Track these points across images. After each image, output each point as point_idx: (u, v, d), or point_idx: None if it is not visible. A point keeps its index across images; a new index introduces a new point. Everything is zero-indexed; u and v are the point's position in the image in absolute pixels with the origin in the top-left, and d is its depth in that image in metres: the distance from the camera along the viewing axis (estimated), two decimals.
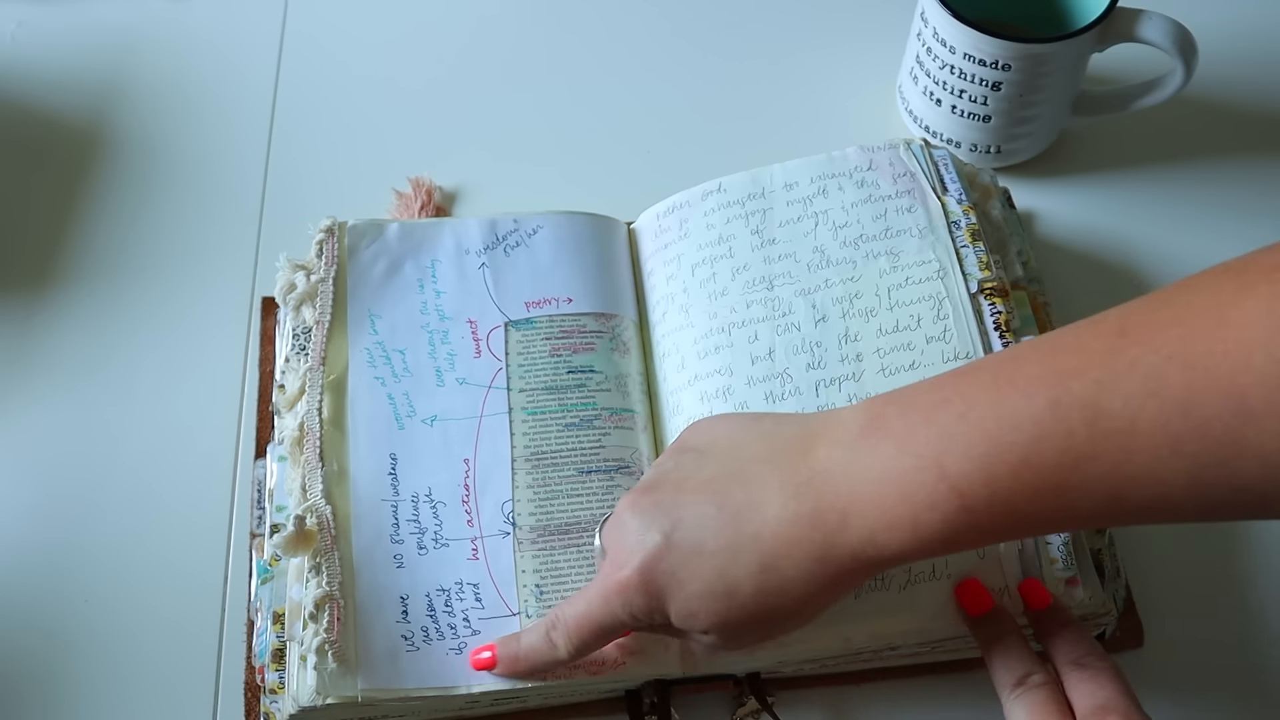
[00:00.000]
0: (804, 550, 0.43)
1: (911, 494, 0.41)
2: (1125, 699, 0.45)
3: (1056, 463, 0.39)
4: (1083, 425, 0.39)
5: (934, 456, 0.41)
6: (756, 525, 0.44)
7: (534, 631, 0.50)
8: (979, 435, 0.40)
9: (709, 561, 0.44)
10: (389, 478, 0.55)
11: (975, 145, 0.70)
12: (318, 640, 0.50)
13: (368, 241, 0.61)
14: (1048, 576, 0.51)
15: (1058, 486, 0.39)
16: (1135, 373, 0.38)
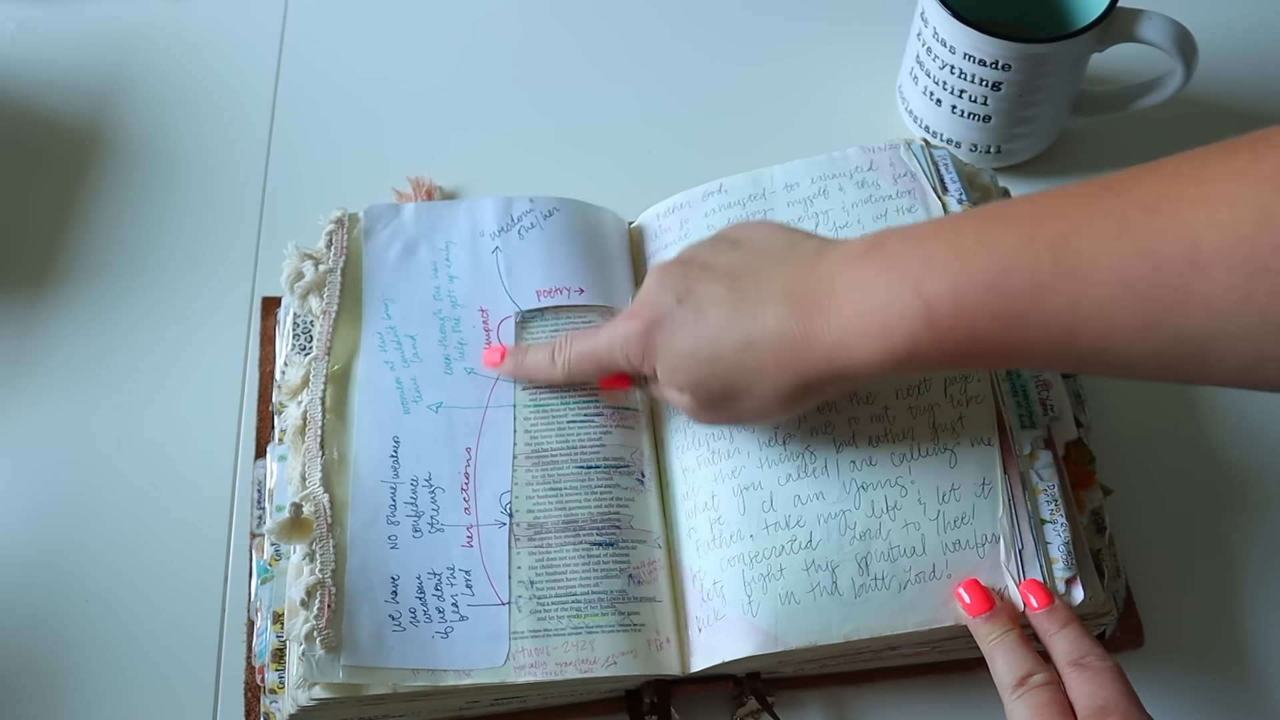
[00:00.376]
0: (786, 339, 0.47)
1: (888, 303, 0.45)
2: (1126, 699, 0.45)
3: (1020, 291, 0.42)
4: (1050, 259, 0.42)
5: (915, 273, 0.45)
6: (754, 308, 0.48)
7: (541, 349, 0.56)
8: (957, 258, 0.44)
9: (705, 329, 0.49)
10: (390, 460, 0.55)
11: (975, 145, 0.70)
12: (307, 627, 0.50)
13: (384, 224, 0.61)
14: (1048, 576, 0.51)
15: (1019, 315, 0.43)
16: (1108, 218, 0.41)
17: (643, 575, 0.54)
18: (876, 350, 0.46)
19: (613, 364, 0.53)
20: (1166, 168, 0.41)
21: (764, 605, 0.52)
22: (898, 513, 0.52)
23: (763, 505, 0.53)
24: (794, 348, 0.47)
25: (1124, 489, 0.60)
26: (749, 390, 0.49)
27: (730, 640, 0.52)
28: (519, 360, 0.57)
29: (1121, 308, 0.40)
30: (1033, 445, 0.54)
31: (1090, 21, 0.64)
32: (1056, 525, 0.52)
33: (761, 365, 0.48)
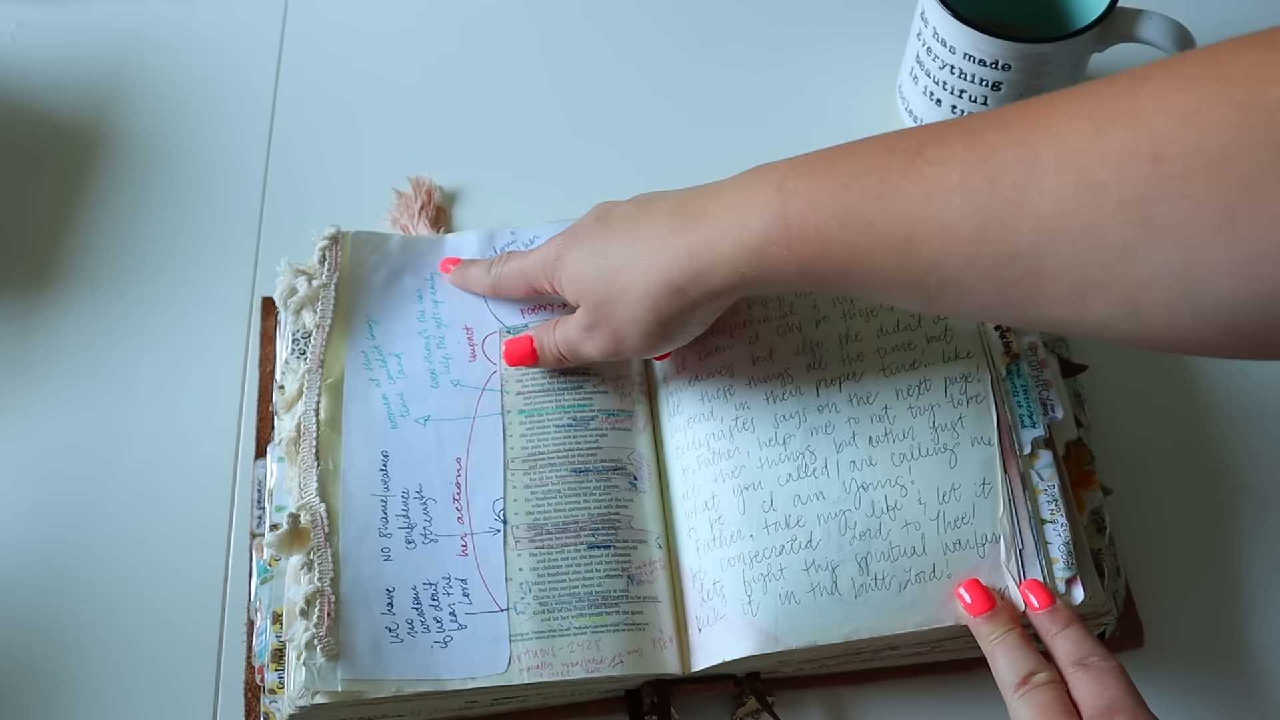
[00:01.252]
0: (659, 238, 0.50)
1: (748, 199, 0.47)
2: (1132, 699, 0.45)
3: (869, 192, 0.43)
4: (901, 165, 0.43)
5: (780, 175, 0.47)
6: (644, 218, 0.51)
7: (480, 263, 0.60)
8: (822, 164, 0.46)
9: (602, 238, 0.52)
10: (380, 474, 0.55)
11: None
12: (307, 635, 0.50)
13: (370, 250, 0.61)
14: (1048, 576, 0.51)
15: (864, 217, 0.43)
16: (963, 133, 0.42)
17: (643, 575, 0.54)
18: (730, 245, 0.47)
19: (536, 280, 0.56)
20: (1036, 98, 0.41)
21: (764, 605, 0.52)
22: (898, 512, 0.52)
23: (763, 505, 0.53)
24: (663, 243, 0.49)
25: (1124, 489, 0.60)
26: (624, 293, 0.51)
27: (730, 640, 0.52)
28: (463, 271, 0.60)
29: (958, 215, 0.41)
30: (1033, 445, 0.54)
31: (1090, 21, 0.64)
32: (1057, 525, 0.52)
33: (636, 264, 0.50)
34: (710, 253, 0.48)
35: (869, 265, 0.44)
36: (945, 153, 0.41)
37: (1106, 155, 0.37)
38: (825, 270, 0.45)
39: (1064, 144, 0.38)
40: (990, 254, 0.40)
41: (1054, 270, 0.39)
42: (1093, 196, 0.37)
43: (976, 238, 0.41)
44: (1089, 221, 0.38)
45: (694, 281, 0.49)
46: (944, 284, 0.43)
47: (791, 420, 0.55)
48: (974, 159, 0.40)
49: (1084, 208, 0.38)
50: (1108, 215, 0.37)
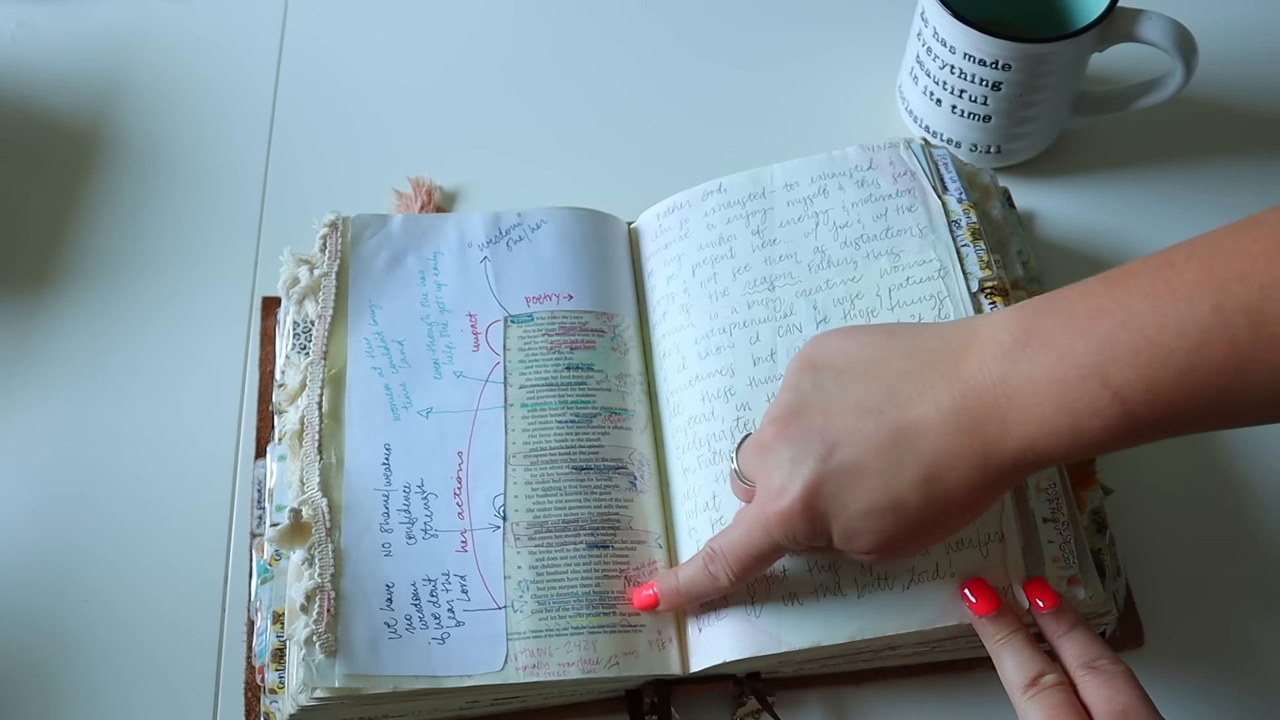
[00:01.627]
0: (966, 460, 0.44)
1: (1073, 402, 0.42)
2: (1145, 704, 0.45)
3: (1220, 368, 0.40)
4: (1246, 330, 0.39)
5: (1096, 365, 0.42)
6: (916, 440, 0.45)
7: (692, 565, 0.51)
8: (1143, 342, 0.41)
9: (872, 481, 0.45)
10: (382, 467, 0.55)
11: (975, 145, 0.70)
12: (307, 631, 0.50)
13: (371, 233, 0.61)
14: (1050, 575, 0.51)
15: (1220, 390, 0.40)
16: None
17: (641, 576, 0.54)
18: (1067, 447, 0.43)
19: (776, 552, 0.49)
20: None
21: (766, 606, 0.51)
22: None
23: None
24: (977, 466, 0.44)
25: (1124, 489, 0.60)
26: (942, 523, 0.46)
27: (732, 640, 0.52)
28: (674, 588, 0.52)
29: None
30: None
31: (1090, 21, 0.64)
32: (1058, 524, 0.52)
33: (948, 493, 0.45)
34: (1039, 457, 0.44)
35: (1229, 418, 0.43)
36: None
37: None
38: (1175, 433, 0.43)
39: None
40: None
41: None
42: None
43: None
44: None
45: (1023, 476, 0.46)
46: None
47: None
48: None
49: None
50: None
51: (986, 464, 0.44)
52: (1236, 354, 0.40)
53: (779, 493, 0.47)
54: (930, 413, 0.45)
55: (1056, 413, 0.42)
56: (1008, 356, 0.44)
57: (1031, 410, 0.43)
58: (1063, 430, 0.43)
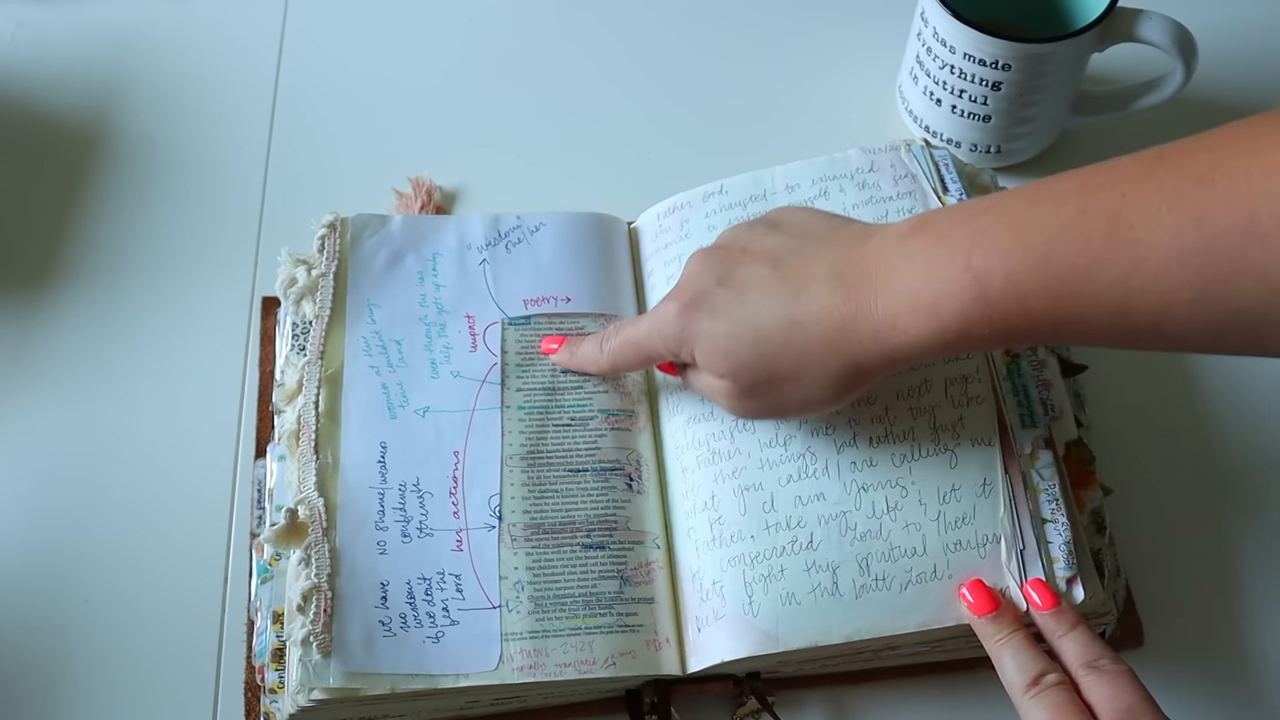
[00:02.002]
0: (833, 318, 0.47)
1: (936, 280, 0.45)
2: (1149, 703, 0.45)
3: (1072, 264, 0.42)
4: (1102, 232, 0.41)
5: (965, 249, 0.44)
6: (797, 287, 0.48)
7: (590, 340, 0.56)
8: (1008, 234, 0.43)
9: (747, 309, 0.49)
10: (378, 465, 0.55)
11: (975, 145, 0.70)
12: (304, 632, 0.50)
13: (370, 232, 0.61)
14: (1049, 575, 0.51)
15: (1071, 288, 0.42)
16: (1160, 190, 0.41)
17: (638, 576, 0.54)
18: (925, 328, 0.45)
19: (653, 350, 0.53)
20: (1218, 137, 0.41)
21: (764, 606, 0.52)
22: (898, 513, 0.52)
23: (763, 506, 0.53)
24: (841, 327, 0.47)
25: (1124, 489, 0.60)
26: (795, 375, 0.48)
27: (730, 640, 0.52)
28: (571, 350, 0.57)
29: (1176, 281, 0.40)
30: (1033, 445, 0.54)
31: (1090, 21, 0.64)
32: (1057, 525, 0.52)
33: (808, 346, 0.47)
34: (899, 335, 0.46)
35: (1078, 329, 0.44)
36: (1149, 216, 0.41)
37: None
38: (1029, 337, 0.45)
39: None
40: (1213, 313, 0.40)
41: None
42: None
43: (1197, 300, 0.40)
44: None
45: (879, 361, 0.47)
46: (1158, 337, 0.42)
47: (792, 421, 0.55)
48: (1185, 222, 0.40)
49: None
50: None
51: (849, 327, 0.46)
52: (1089, 253, 0.42)
53: (674, 294, 0.51)
54: (819, 270, 0.48)
55: (920, 289, 0.45)
56: (898, 240, 0.47)
57: (901, 280, 0.46)
58: (923, 307, 0.45)
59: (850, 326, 0.46)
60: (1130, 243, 0.41)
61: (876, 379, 0.49)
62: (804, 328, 0.47)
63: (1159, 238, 0.40)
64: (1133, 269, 0.41)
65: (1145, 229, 0.41)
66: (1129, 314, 0.42)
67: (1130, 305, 0.42)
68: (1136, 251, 0.41)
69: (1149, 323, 0.42)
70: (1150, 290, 0.41)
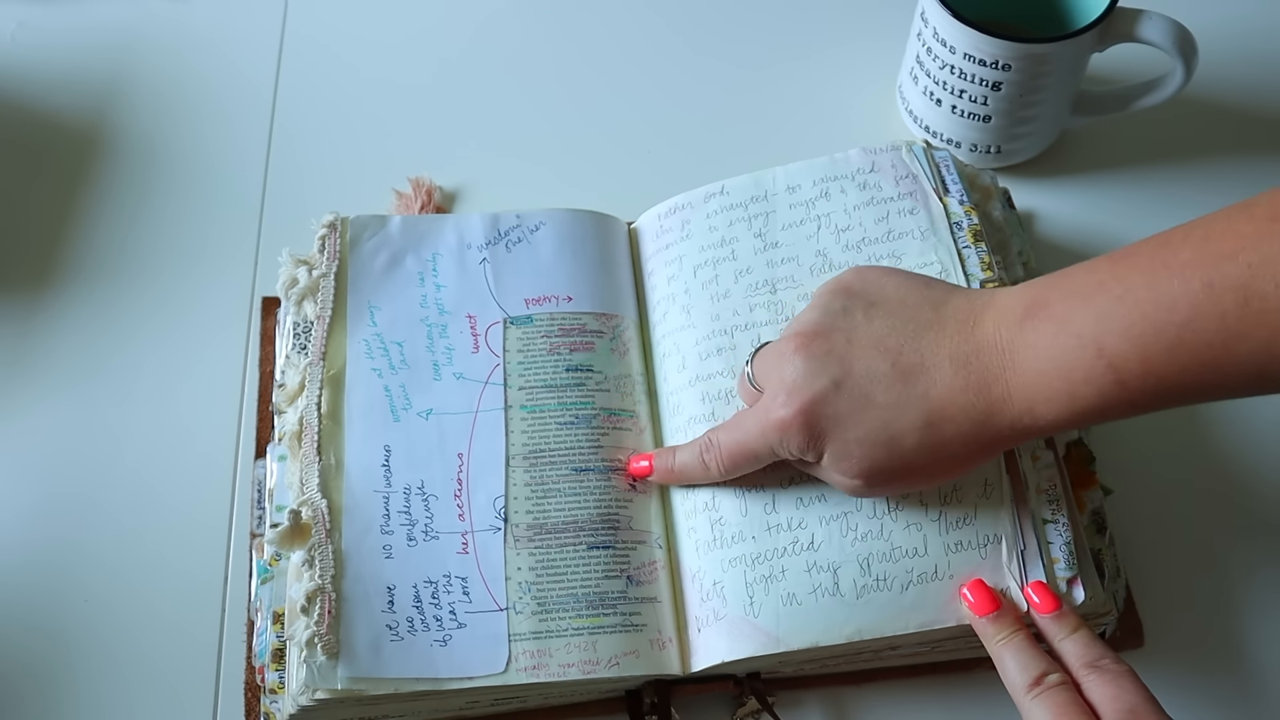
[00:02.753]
0: (967, 415, 0.47)
1: (1069, 370, 0.45)
2: (1151, 702, 0.45)
3: (1209, 342, 0.42)
4: (1235, 306, 0.41)
5: (1092, 336, 0.44)
6: (925, 386, 0.47)
7: (689, 450, 0.54)
8: (1136, 316, 0.43)
9: (876, 413, 0.48)
10: (382, 469, 0.55)
11: (975, 145, 0.70)
12: (308, 633, 0.50)
13: (370, 234, 0.61)
14: (1049, 576, 0.51)
15: (1209, 364, 0.42)
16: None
17: (642, 576, 0.54)
18: (1063, 413, 0.45)
19: (768, 456, 0.51)
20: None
21: (765, 606, 0.52)
22: (899, 514, 0.52)
23: (765, 507, 0.53)
24: (976, 422, 0.47)
25: (1124, 489, 0.60)
26: (932, 469, 0.49)
27: (731, 640, 0.52)
28: (668, 466, 0.55)
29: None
30: (1034, 446, 0.54)
31: (1090, 21, 0.64)
32: (1058, 525, 0.52)
33: (944, 444, 0.47)
34: (1036, 422, 0.46)
35: (1218, 392, 0.44)
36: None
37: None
38: (1166, 405, 0.45)
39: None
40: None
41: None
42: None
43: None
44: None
45: (1016, 442, 0.48)
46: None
47: None
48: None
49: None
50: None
51: (985, 421, 0.47)
52: (1224, 329, 0.41)
53: (786, 401, 0.49)
54: (943, 363, 0.47)
55: (1054, 379, 0.45)
56: (1017, 323, 0.46)
57: (1032, 375, 0.46)
58: (1059, 396, 0.45)
59: (986, 422, 0.47)
60: (1266, 313, 0.41)
61: (1015, 446, 0.50)
62: (939, 427, 0.47)
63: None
64: (1271, 338, 0.41)
65: (1278, 298, 0.40)
66: (1272, 377, 0.42)
67: (1271, 370, 0.42)
68: (1272, 320, 0.41)
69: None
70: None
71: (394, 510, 0.54)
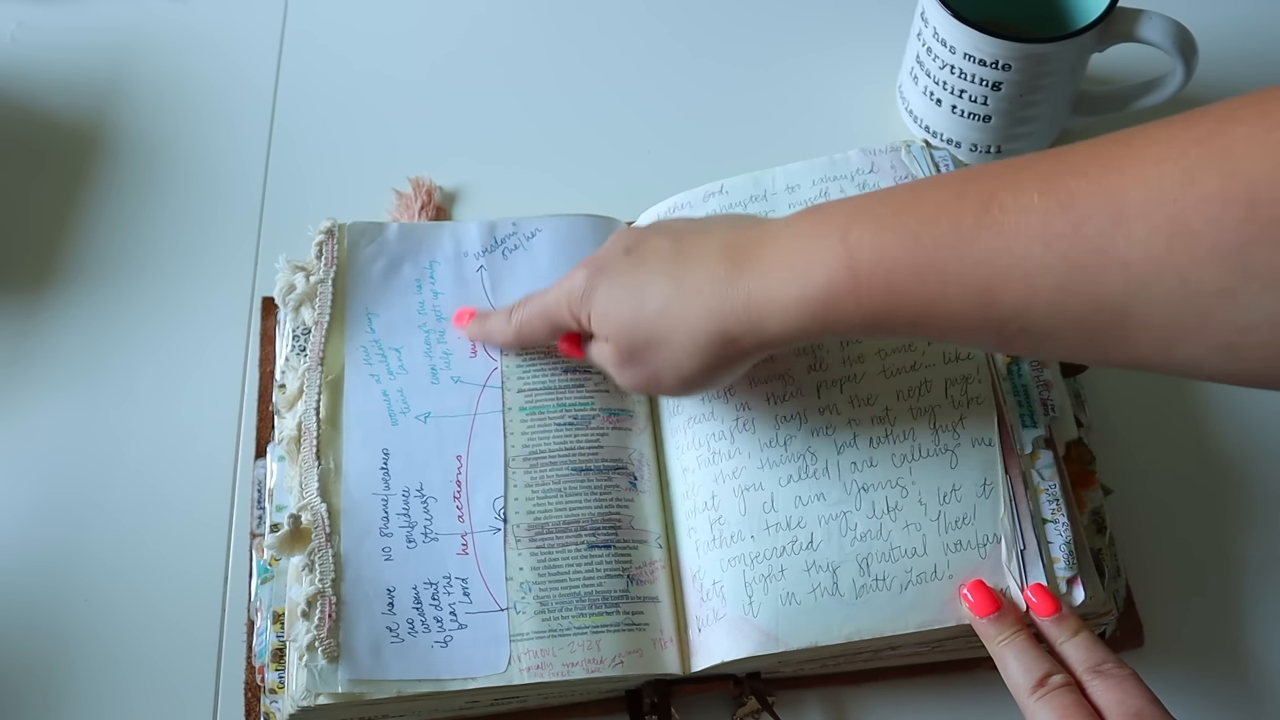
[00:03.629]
0: (711, 283, 0.47)
1: (811, 248, 0.45)
2: (1155, 706, 0.45)
3: (941, 241, 0.42)
4: (974, 213, 0.41)
5: (842, 223, 0.45)
6: (690, 258, 0.49)
7: (500, 311, 0.57)
8: (886, 212, 0.44)
9: (640, 275, 0.50)
10: (380, 472, 0.55)
11: (975, 145, 0.70)
12: (309, 637, 0.50)
13: (367, 241, 0.61)
14: (1049, 576, 0.51)
15: (937, 267, 0.42)
16: (1037, 179, 0.40)
17: (643, 575, 0.54)
18: (794, 297, 0.45)
19: (560, 318, 0.53)
20: (1105, 138, 0.40)
21: (765, 606, 0.52)
22: (899, 513, 0.52)
23: (764, 506, 0.53)
24: (716, 291, 0.47)
25: (1124, 489, 0.60)
26: (668, 340, 0.48)
27: (730, 640, 0.52)
28: (481, 323, 0.58)
29: (1040, 264, 0.40)
30: (1034, 445, 0.54)
31: (1090, 21, 0.64)
32: (1058, 525, 0.52)
33: (684, 311, 0.48)
34: (770, 304, 0.45)
35: (943, 315, 0.43)
36: (1021, 199, 0.40)
37: (1199, 202, 0.36)
38: (895, 320, 0.44)
39: (1151, 190, 0.37)
40: (1076, 302, 0.40)
41: (1145, 316, 0.38)
42: (1186, 244, 0.37)
43: (1061, 286, 0.39)
44: (1182, 269, 0.37)
45: (749, 332, 0.46)
46: (1024, 330, 0.42)
47: (792, 421, 0.55)
48: (1054, 206, 0.39)
49: (1176, 255, 0.37)
50: (1203, 262, 0.36)
51: (723, 292, 0.47)
52: (959, 231, 0.41)
53: (583, 263, 0.53)
54: (713, 243, 0.48)
55: (794, 257, 0.45)
56: (790, 219, 0.47)
57: (779, 250, 0.46)
58: (795, 276, 0.45)
59: (724, 290, 0.47)
60: (999, 224, 0.40)
61: (748, 357, 0.49)
62: (684, 294, 0.48)
63: (1026, 220, 0.40)
64: (999, 249, 0.40)
65: (1015, 212, 0.40)
66: (994, 299, 0.41)
67: (995, 290, 0.41)
68: (1004, 233, 0.40)
69: (1015, 310, 0.41)
70: (1015, 274, 0.40)
71: (393, 513, 0.54)
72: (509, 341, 0.57)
